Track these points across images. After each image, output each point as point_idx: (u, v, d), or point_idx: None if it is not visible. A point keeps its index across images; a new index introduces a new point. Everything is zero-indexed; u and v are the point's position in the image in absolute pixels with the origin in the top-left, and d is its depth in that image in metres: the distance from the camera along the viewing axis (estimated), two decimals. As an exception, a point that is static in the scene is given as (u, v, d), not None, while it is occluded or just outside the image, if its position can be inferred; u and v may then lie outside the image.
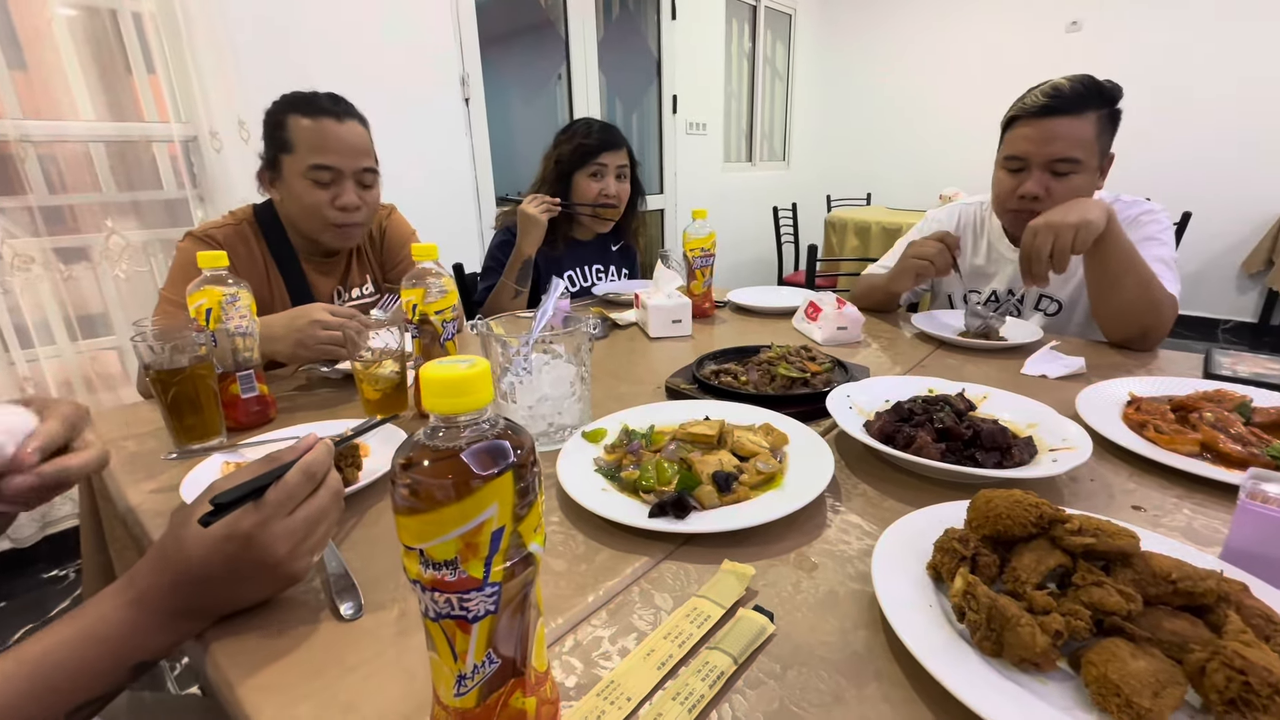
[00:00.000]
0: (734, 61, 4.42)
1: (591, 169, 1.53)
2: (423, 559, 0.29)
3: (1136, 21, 3.84)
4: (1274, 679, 0.33)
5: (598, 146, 1.52)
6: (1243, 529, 0.49)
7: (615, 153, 1.54)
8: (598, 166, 1.53)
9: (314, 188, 1.12)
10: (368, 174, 1.17)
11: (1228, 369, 0.93)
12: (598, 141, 1.53)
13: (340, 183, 1.13)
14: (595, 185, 1.54)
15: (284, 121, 1.10)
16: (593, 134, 1.53)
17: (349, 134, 1.12)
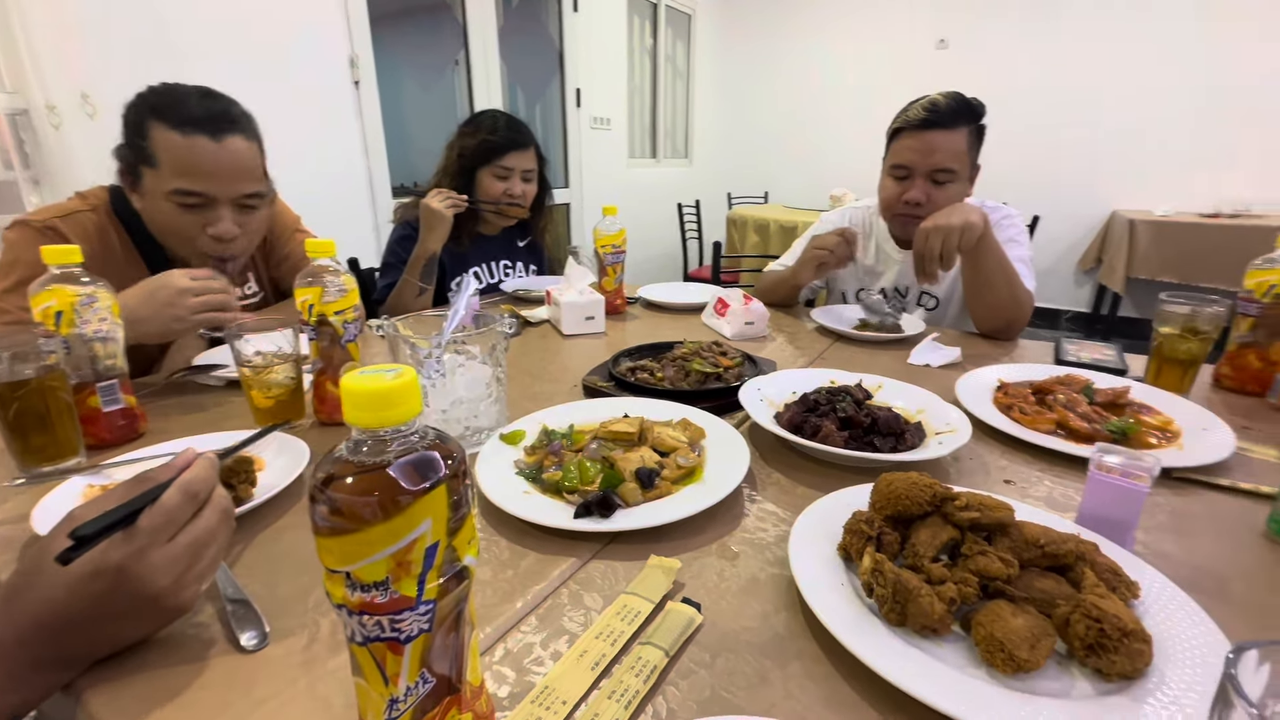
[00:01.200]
0: (636, 57, 4.45)
1: (497, 169, 1.48)
2: (349, 582, 0.27)
3: (994, 42, 4.28)
4: (1123, 625, 0.39)
5: (504, 145, 1.47)
6: (1092, 496, 0.56)
7: (522, 153, 1.50)
8: (503, 169, 1.49)
9: (181, 211, 0.96)
10: (252, 199, 1.02)
11: (1073, 355, 1.06)
12: (504, 140, 1.48)
13: (214, 209, 0.98)
14: (500, 185, 1.49)
15: (145, 128, 0.93)
16: (499, 131, 1.47)
17: (227, 156, 0.96)
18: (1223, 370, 0.95)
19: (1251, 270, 0.91)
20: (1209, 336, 0.89)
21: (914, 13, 4.55)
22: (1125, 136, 4.04)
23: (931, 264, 1.11)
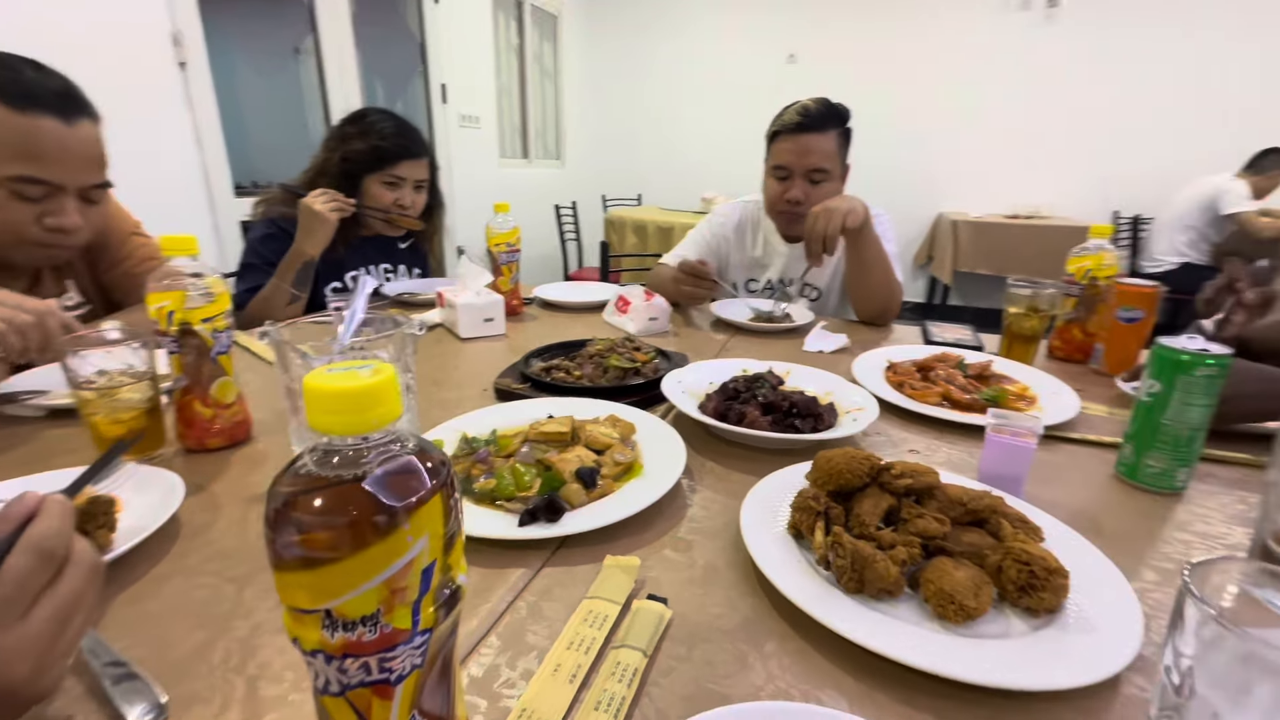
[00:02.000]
0: (503, 55, 4.34)
1: (387, 177, 1.36)
2: (329, 621, 0.23)
3: (837, 59, 4.72)
4: (1049, 564, 0.44)
5: (396, 153, 1.35)
6: (990, 455, 0.63)
7: (415, 163, 1.39)
8: (394, 178, 1.37)
9: (14, 200, 0.82)
10: (96, 190, 0.89)
11: (938, 336, 1.19)
12: (396, 148, 1.35)
13: (56, 199, 0.84)
14: (390, 194, 1.37)
15: None
16: (390, 137, 1.35)
17: (78, 142, 0.84)
18: (1054, 343, 1.12)
19: (1072, 258, 1.08)
20: (1046, 314, 1.03)
21: (766, 30, 4.88)
22: (947, 146, 4.64)
23: (817, 244, 1.19)
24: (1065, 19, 4.21)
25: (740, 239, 1.56)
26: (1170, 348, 0.62)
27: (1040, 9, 4.25)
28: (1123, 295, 0.98)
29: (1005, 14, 4.33)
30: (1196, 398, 0.61)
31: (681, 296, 1.31)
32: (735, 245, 1.56)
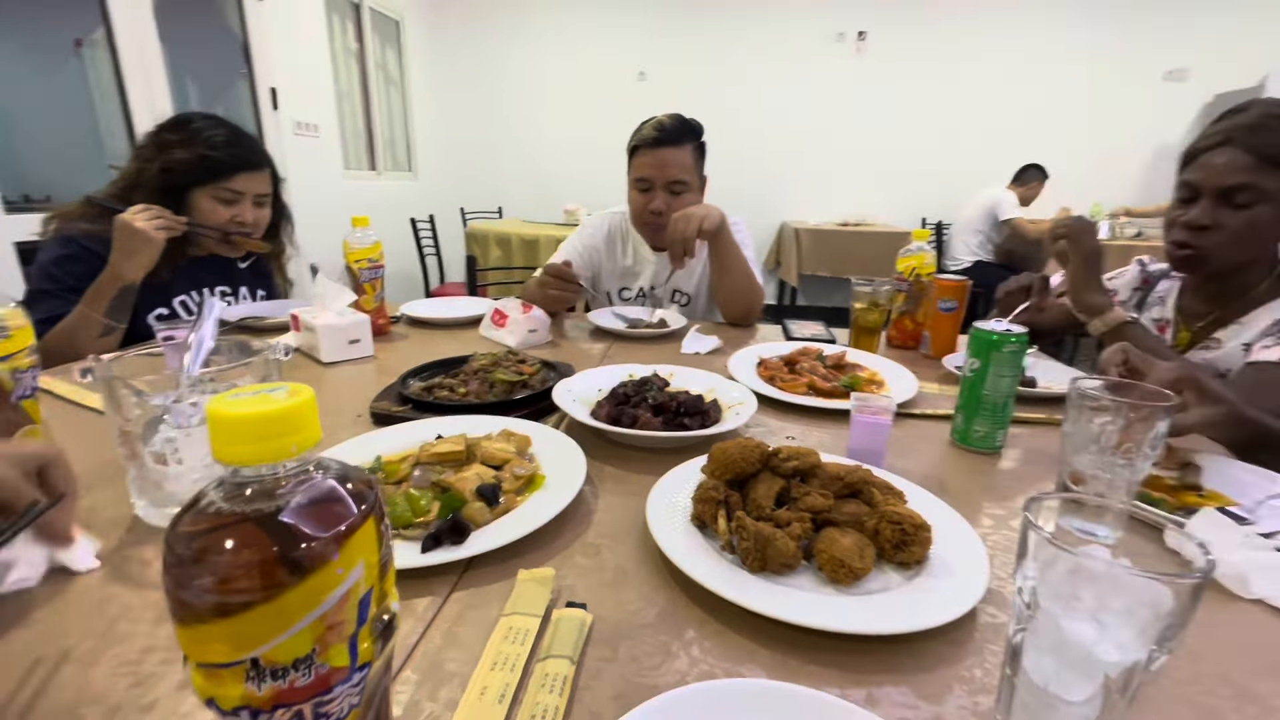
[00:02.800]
0: (341, 60, 4.05)
1: (221, 192, 1.20)
2: (254, 672, 0.21)
3: (685, 76, 4.99)
4: (916, 520, 0.50)
5: (231, 165, 1.20)
6: (856, 434, 0.71)
7: (254, 175, 1.24)
8: (230, 193, 1.21)
9: None
10: None
11: (797, 333, 1.31)
12: (230, 159, 1.20)
13: None
14: (226, 211, 1.22)
15: None
16: (222, 147, 1.19)
17: None
18: (891, 333, 1.27)
19: (900, 258, 1.24)
20: (885, 308, 1.18)
21: (617, 47, 5.03)
22: (786, 161, 5.09)
23: (678, 247, 1.27)
24: (872, 51, 4.82)
25: (611, 249, 1.59)
26: (984, 330, 0.74)
27: (852, 41, 4.82)
28: (941, 289, 1.15)
29: (825, 44, 4.85)
30: (1006, 370, 0.74)
31: (548, 301, 1.30)
32: (606, 255, 1.59)
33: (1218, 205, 0.92)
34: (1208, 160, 0.93)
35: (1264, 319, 0.94)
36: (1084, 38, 4.62)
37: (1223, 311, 1.00)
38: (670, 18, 4.92)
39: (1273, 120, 0.87)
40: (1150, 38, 4.55)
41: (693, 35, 4.93)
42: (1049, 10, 4.61)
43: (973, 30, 4.70)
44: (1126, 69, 4.64)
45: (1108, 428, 0.54)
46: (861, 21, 4.77)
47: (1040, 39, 4.67)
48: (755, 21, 4.85)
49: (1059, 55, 4.67)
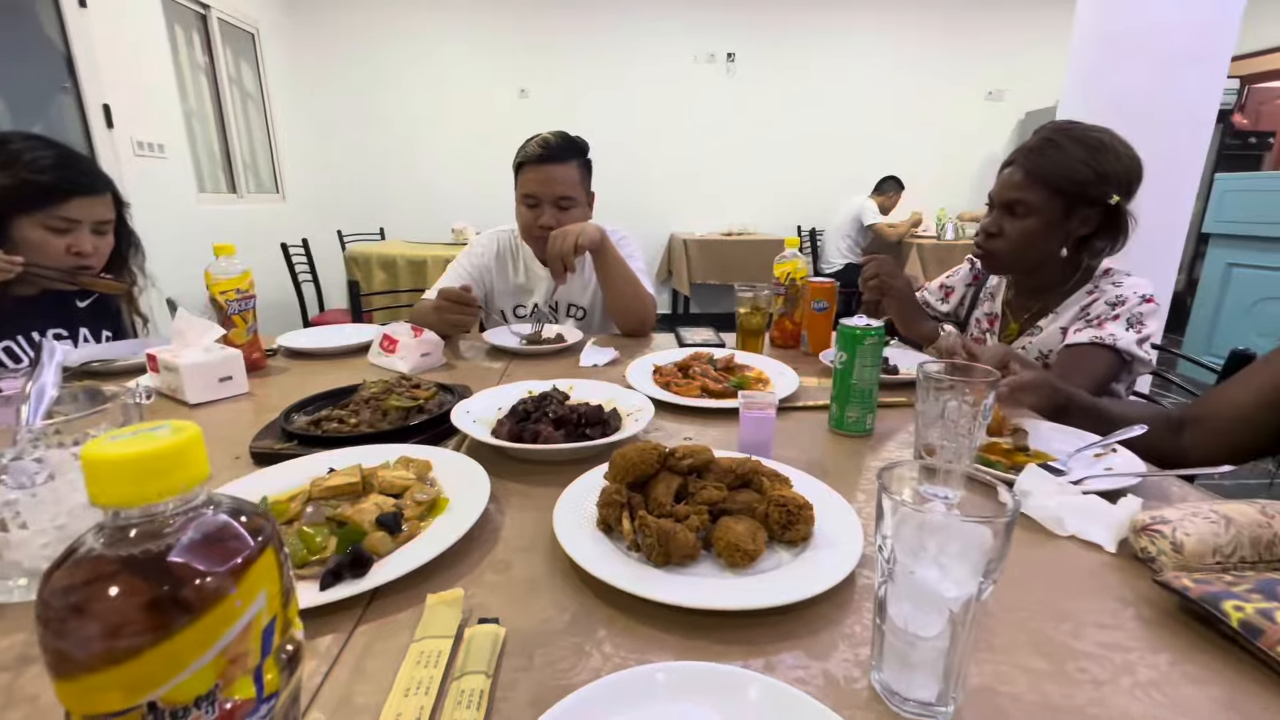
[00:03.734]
0: (188, 75, 3.71)
1: (51, 220, 1.07)
2: (153, 715, 0.20)
3: (566, 93, 5.04)
4: (800, 501, 0.56)
5: (61, 189, 1.07)
6: (745, 429, 0.76)
7: (91, 201, 1.11)
8: (64, 221, 1.08)
9: None
10: None
11: (689, 339, 1.37)
12: (60, 183, 1.07)
13: None
14: (59, 242, 1.08)
15: None
16: (50, 170, 1.06)
17: None
18: (774, 334, 1.37)
19: (776, 264, 1.34)
20: (765, 311, 1.27)
21: (498, 64, 5.00)
22: (669, 175, 5.28)
23: (557, 262, 1.31)
24: (741, 72, 5.14)
25: (502, 267, 1.59)
26: (849, 326, 0.82)
27: (722, 62, 5.11)
28: (813, 291, 1.25)
29: (698, 66, 5.11)
30: (869, 360, 0.82)
31: (446, 326, 1.28)
32: (498, 274, 1.58)
33: (1003, 215, 1.10)
34: (1000, 176, 1.10)
35: (1073, 308, 1.11)
36: (920, 63, 5.21)
37: (1042, 304, 1.17)
38: (549, 37, 4.97)
39: (1048, 145, 1.05)
40: (973, 63, 5.22)
41: (572, 54, 5.01)
42: (890, 37, 5.15)
43: (828, 55, 5.15)
44: (956, 90, 5.28)
45: (949, 404, 0.63)
46: (729, 44, 5.07)
47: (884, 63, 5.20)
48: (630, 43, 5.02)
49: (902, 78, 5.23)
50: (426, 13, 4.88)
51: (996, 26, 5.14)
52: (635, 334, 1.47)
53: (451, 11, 4.90)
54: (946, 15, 5.12)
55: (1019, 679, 0.43)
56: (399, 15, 4.86)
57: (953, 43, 5.17)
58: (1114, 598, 0.51)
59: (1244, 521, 0.52)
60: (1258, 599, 0.44)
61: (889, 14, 5.10)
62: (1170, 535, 0.52)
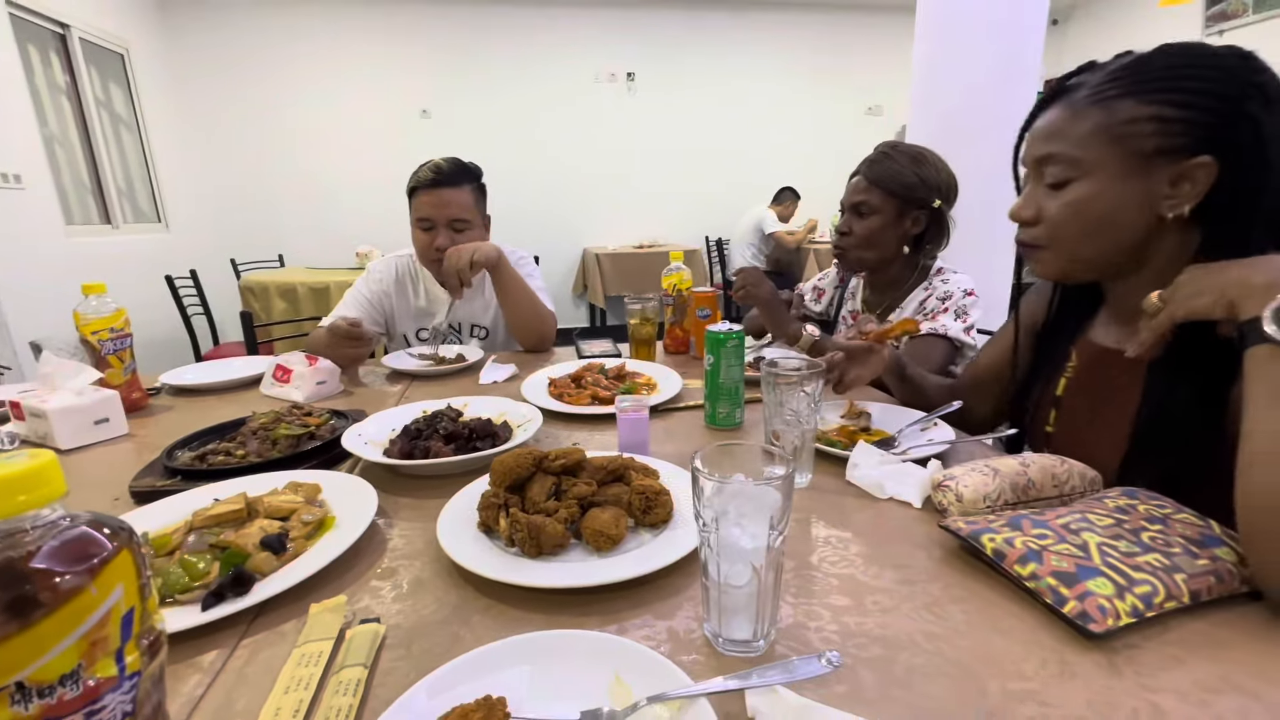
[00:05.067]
0: (46, 98, 3.44)
1: None
2: (19, 695, 0.24)
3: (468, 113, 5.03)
4: (657, 488, 0.63)
5: None
6: (622, 430, 0.84)
7: None
8: None
9: None
10: None
11: (588, 350, 1.44)
12: None
13: None
14: None
15: None
16: None
17: None
18: (666, 342, 1.46)
19: (664, 276, 1.43)
20: (654, 321, 1.36)
21: (398, 83, 4.92)
22: (579, 192, 5.37)
23: (453, 279, 1.36)
24: (641, 90, 5.32)
25: (402, 292, 1.60)
26: (713, 331, 0.92)
27: (623, 81, 5.27)
28: (698, 300, 1.36)
29: (599, 85, 5.24)
30: (733, 360, 0.92)
31: (342, 359, 1.29)
32: (398, 298, 1.59)
33: (852, 216, 1.27)
34: (849, 184, 1.27)
35: (914, 303, 1.27)
36: (808, 81, 5.59)
37: (890, 300, 1.33)
38: (450, 56, 4.95)
39: (883, 157, 1.22)
40: (855, 82, 5.66)
41: (475, 74, 5.02)
42: (780, 57, 5.50)
43: (724, 74, 5.42)
44: (841, 106, 5.70)
45: (786, 395, 0.72)
46: (628, 64, 5.24)
47: (776, 81, 5.54)
48: (532, 62, 5.08)
49: (793, 95, 5.59)
50: (320, 33, 4.74)
51: (874, 48, 5.60)
52: (536, 349, 1.52)
53: (347, 31, 4.79)
54: (830, 38, 5.53)
55: (824, 614, 0.52)
56: (288, 35, 4.70)
57: (836, 63, 5.59)
58: (913, 544, 0.62)
59: (1007, 471, 0.64)
60: (1006, 531, 0.56)
61: (778, 36, 5.45)
62: (955, 488, 0.64)
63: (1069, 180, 0.70)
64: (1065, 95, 0.71)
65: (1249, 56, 0.63)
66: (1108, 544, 0.53)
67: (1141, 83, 0.65)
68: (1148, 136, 0.64)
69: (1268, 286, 0.52)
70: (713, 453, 0.49)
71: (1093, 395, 0.79)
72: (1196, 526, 0.55)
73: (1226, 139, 0.62)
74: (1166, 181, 0.65)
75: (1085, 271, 0.75)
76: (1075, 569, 0.50)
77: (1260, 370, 0.52)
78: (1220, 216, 0.64)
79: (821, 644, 0.48)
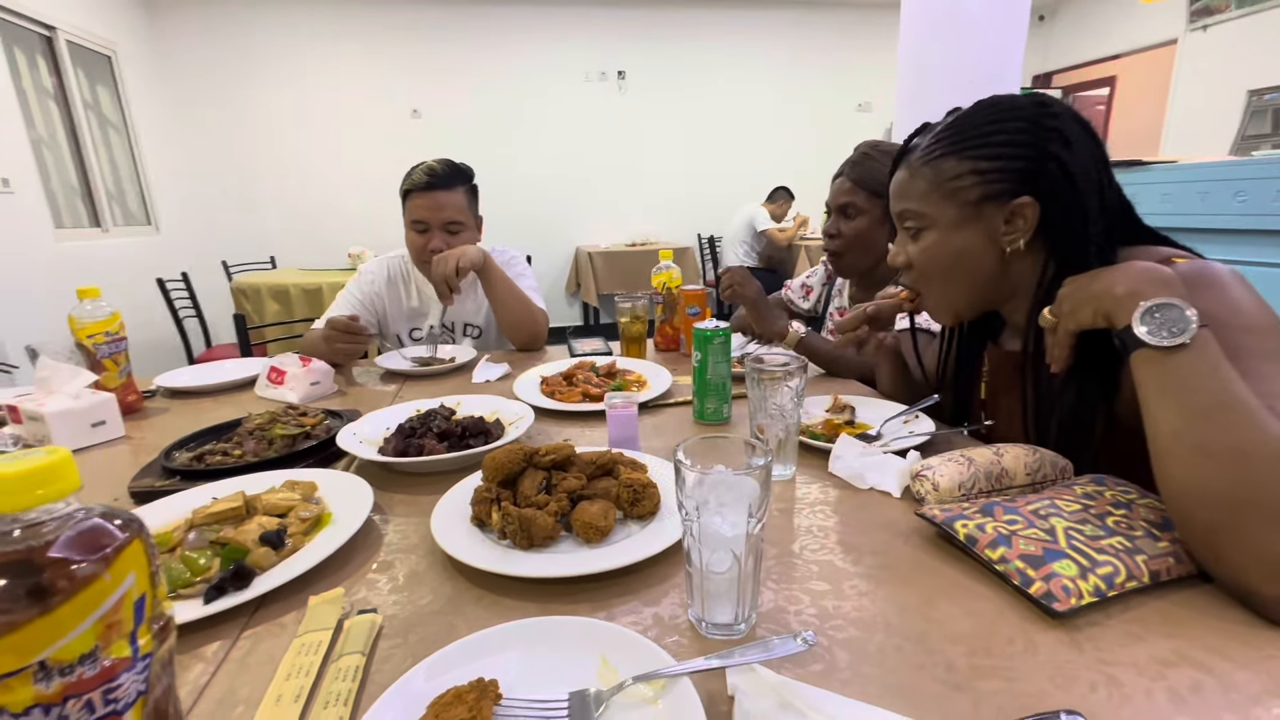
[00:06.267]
0: (34, 101, 3.42)
1: None
2: (41, 673, 0.26)
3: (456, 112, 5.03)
4: (644, 481, 0.66)
5: None
6: (611, 426, 0.86)
7: None
8: None
9: None
10: None
11: (579, 349, 1.46)
12: None
13: None
14: None
15: None
16: None
17: None
18: (656, 339, 1.48)
19: (654, 275, 1.45)
20: (644, 319, 1.38)
21: (388, 83, 4.92)
22: (572, 190, 5.38)
23: (441, 285, 1.38)
24: (633, 89, 5.33)
25: (394, 292, 1.61)
26: (700, 329, 0.94)
27: (614, 80, 5.28)
28: (687, 298, 1.38)
29: (590, 84, 5.25)
30: (720, 357, 0.94)
31: (337, 355, 1.31)
32: (390, 299, 1.61)
33: (839, 218, 1.29)
34: (833, 186, 1.29)
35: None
36: (798, 78, 5.62)
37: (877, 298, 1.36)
38: (441, 56, 4.95)
39: (865, 158, 1.24)
40: (845, 80, 5.69)
41: (465, 74, 5.02)
42: (770, 55, 5.52)
43: (714, 71, 5.44)
44: (831, 103, 5.72)
45: (769, 390, 0.75)
46: (619, 63, 5.25)
47: (766, 79, 5.57)
48: (523, 61, 5.09)
49: (783, 92, 5.62)
50: (309, 34, 4.74)
51: (863, 45, 5.63)
52: (528, 348, 1.54)
53: (337, 31, 4.78)
54: (819, 35, 5.56)
55: (804, 599, 0.54)
56: (278, 36, 4.68)
57: (825, 59, 5.62)
58: (891, 532, 0.64)
59: (981, 461, 0.67)
60: (979, 518, 0.58)
61: (768, 33, 5.47)
62: (932, 478, 0.66)
63: (921, 230, 0.80)
64: (905, 157, 0.81)
65: (1046, 104, 0.73)
66: (1074, 528, 0.55)
67: (958, 142, 0.75)
68: (971, 187, 0.74)
69: (1129, 295, 0.58)
70: (695, 445, 0.51)
71: (1008, 395, 0.84)
72: (1159, 510, 0.57)
73: (1040, 178, 0.71)
74: (1001, 221, 0.74)
75: (968, 309, 0.84)
76: (1042, 552, 0.53)
77: (1145, 372, 0.56)
78: (1057, 240, 0.72)
79: (800, 627, 0.51)
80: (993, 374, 0.89)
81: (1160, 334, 0.55)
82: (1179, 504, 0.53)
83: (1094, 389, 0.69)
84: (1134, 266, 0.60)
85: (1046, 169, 0.70)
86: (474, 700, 0.40)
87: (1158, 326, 0.55)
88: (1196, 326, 0.53)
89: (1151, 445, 0.56)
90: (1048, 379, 0.73)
